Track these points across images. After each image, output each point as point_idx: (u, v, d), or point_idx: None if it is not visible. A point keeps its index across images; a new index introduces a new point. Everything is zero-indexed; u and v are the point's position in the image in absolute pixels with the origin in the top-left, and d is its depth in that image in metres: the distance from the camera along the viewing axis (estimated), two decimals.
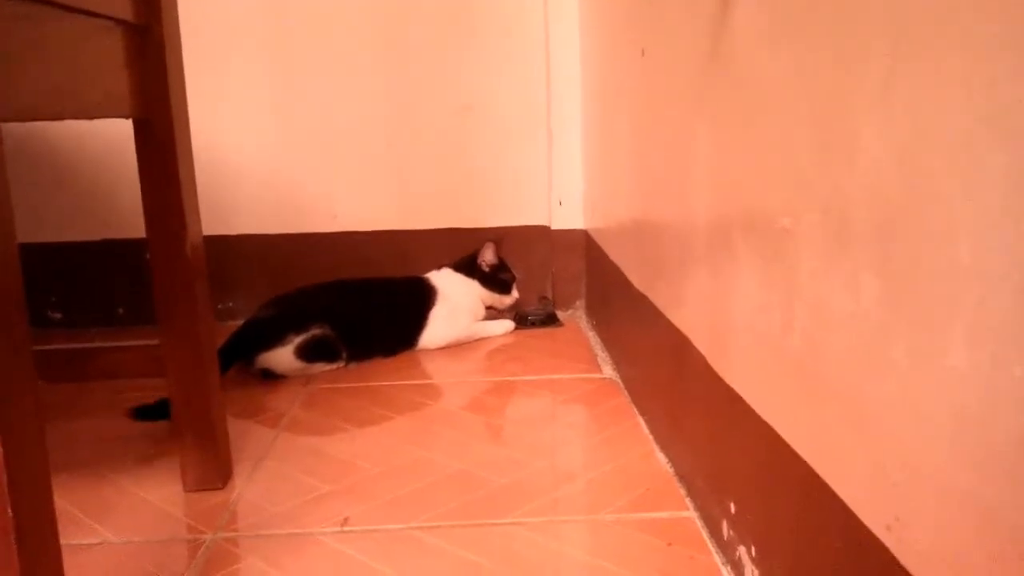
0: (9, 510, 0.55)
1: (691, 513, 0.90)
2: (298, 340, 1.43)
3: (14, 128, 1.46)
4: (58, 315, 1.76)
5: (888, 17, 0.46)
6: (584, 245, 1.77)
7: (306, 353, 1.44)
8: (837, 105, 0.53)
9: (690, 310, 0.93)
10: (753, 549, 0.72)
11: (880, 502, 0.49)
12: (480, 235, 1.72)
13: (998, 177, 0.37)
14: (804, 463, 0.61)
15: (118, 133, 0.87)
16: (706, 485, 0.88)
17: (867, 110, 0.49)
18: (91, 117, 0.76)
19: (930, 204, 0.42)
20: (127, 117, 0.86)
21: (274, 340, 1.42)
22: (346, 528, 0.90)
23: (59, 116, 0.72)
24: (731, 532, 0.79)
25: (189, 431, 0.98)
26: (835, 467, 0.56)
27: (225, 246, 1.71)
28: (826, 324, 0.56)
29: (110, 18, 0.80)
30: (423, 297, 1.62)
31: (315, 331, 1.45)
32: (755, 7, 0.69)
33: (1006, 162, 0.36)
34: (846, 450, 0.54)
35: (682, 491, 0.95)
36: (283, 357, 1.42)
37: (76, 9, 0.72)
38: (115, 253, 1.75)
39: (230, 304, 1.75)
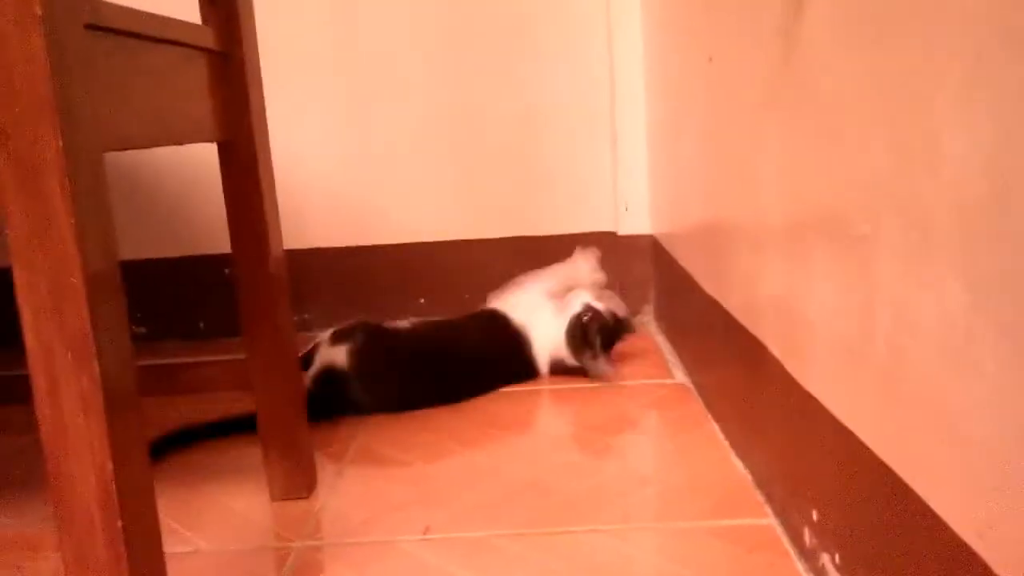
0: (119, 522, 0.58)
1: (770, 520, 0.90)
2: None
3: None
4: (143, 330, 1.83)
5: (967, 17, 0.46)
6: (652, 250, 1.77)
7: None
8: (915, 109, 0.53)
9: (764, 315, 0.93)
10: (837, 557, 0.72)
11: (971, 508, 0.49)
12: (547, 243, 1.73)
13: None
14: (889, 469, 0.60)
15: (193, 153, 0.90)
16: (785, 492, 0.88)
17: (948, 113, 0.49)
18: (181, 143, 0.80)
19: (1016, 210, 0.42)
20: (212, 141, 0.90)
21: None
22: (428, 536, 0.92)
23: (153, 144, 0.75)
24: (813, 539, 0.78)
25: (275, 441, 1.01)
26: (922, 473, 0.56)
27: (298, 259, 1.76)
28: (910, 330, 0.56)
29: (196, 47, 0.83)
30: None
31: None
32: (826, 12, 0.69)
33: None
34: (933, 456, 0.54)
35: (760, 498, 0.95)
36: None
37: (165, 40, 0.76)
38: (195, 269, 1.80)
39: (305, 316, 1.80)
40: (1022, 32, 0.41)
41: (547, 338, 1.45)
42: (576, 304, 1.44)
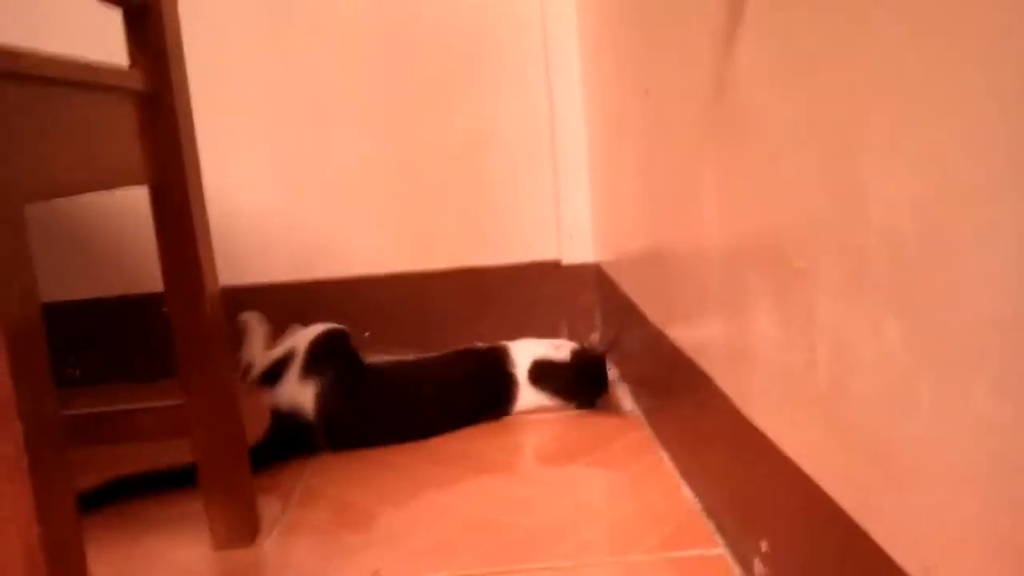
0: None
1: (722, 550, 0.90)
2: None
3: None
4: (77, 372, 1.77)
5: (892, 69, 0.47)
6: (596, 279, 1.77)
7: None
8: (845, 153, 0.54)
9: (708, 346, 0.93)
10: None
11: (914, 545, 0.49)
12: (491, 273, 1.73)
13: (1010, 229, 0.37)
14: (834, 503, 0.60)
15: (126, 190, 0.88)
16: (735, 522, 0.88)
17: (875, 160, 0.49)
18: (109, 188, 0.78)
19: (946, 254, 0.43)
20: (143, 184, 0.88)
21: None
22: None
23: (80, 191, 0.73)
24: (764, 569, 0.78)
25: (215, 487, 0.98)
26: (866, 508, 0.56)
27: (237, 297, 1.72)
28: (849, 366, 0.56)
29: (124, 90, 0.81)
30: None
31: None
32: (757, 52, 0.70)
33: (1017, 215, 0.37)
34: (876, 491, 0.54)
35: (710, 528, 0.95)
36: None
37: (91, 85, 0.74)
38: (131, 308, 1.76)
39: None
40: (941, 87, 0.42)
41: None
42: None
